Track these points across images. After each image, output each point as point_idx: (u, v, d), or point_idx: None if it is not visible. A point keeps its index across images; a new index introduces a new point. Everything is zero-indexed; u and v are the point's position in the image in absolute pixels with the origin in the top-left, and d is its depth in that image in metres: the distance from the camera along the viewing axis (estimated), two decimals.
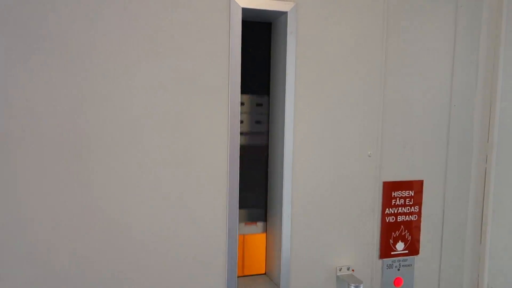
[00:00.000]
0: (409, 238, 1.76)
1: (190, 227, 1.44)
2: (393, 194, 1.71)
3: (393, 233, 1.73)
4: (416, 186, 1.75)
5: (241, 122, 1.64)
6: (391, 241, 1.74)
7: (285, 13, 1.50)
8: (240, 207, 1.56)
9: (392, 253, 1.74)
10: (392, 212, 1.72)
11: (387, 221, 1.72)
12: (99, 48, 1.30)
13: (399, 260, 1.76)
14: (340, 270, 1.65)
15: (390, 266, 1.74)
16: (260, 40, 1.64)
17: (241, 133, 1.64)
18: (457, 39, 1.75)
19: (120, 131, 1.34)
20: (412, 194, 1.75)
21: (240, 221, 1.64)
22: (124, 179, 1.36)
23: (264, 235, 1.70)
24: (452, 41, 1.74)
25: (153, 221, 1.40)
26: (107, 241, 1.36)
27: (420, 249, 1.79)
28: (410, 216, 1.75)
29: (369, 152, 1.65)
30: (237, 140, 1.46)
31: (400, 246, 1.75)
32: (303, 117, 1.55)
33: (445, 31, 1.73)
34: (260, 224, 1.70)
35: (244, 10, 1.45)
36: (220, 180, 1.46)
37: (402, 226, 1.74)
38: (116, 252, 1.37)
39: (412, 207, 1.75)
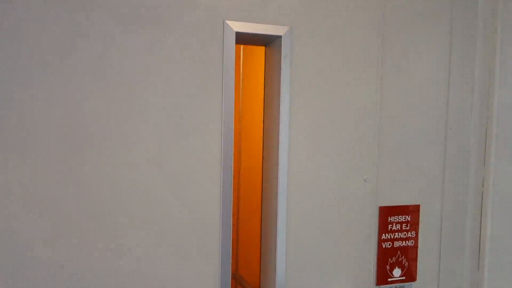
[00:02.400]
0: (406, 264, 1.72)
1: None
2: (389, 219, 1.68)
3: (389, 259, 1.70)
4: (412, 211, 1.72)
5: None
6: (388, 267, 1.70)
7: (279, 37, 1.49)
8: None
9: (389, 279, 1.70)
10: (389, 237, 1.69)
11: (384, 246, 1.68)
12: (97, 64, 1.29)
13: (396, 287, 1.72)
14: None
15: None
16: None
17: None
18: (452, 62, 1.74)
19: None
20: (409, 219, 1.72)
21: None
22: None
23: None
24: (447, 65, 1.74)
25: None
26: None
27: (418, 275, 1.75)
28: (407, 242, 1.72)
29: (365, 177, 1.63)
30: (231, 162, 1.44)
31: (397, 272, 1.71)
32: (298, 142, 1.53)
33: (440, 55, 1.73)
34: None
35: (238, 35, 1.44)
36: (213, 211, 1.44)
37: (399, 252, 1.71)
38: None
39: (409, 232, 1.72)
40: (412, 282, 1.74)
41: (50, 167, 1.27)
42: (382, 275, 1.69)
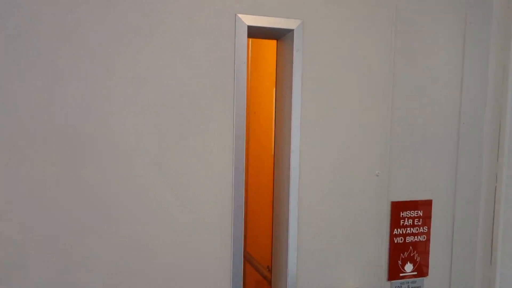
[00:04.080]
0: (418, 259, 1.71)
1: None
2: (401, 214, 1.67)
3: (401, 254, 1.69)
4: (425, 206, 1.71)
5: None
6: (400, 262, 1.69)
7: (291, 30, 1.47)
8: None
9: (400, 274, 1.69)
10: (401, 232, 1.68)
11: (396, 242, 1.68)
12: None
13: (408, 282, 1.71)
14: None
15: None
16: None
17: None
18: (465, 56, 1.72)
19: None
20: (421, 214, 1.70)
21: None
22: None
23: None
24: (461, 58, 1.72)
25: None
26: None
27: (429, 270, 1.74)
28: (419, 237, 1.71)
29: (377, 172, 1.62)
30: (242, 156, 1.43)
31: (408, 267, 1.70)
32: (309, 137, 1.52)
33: (453, 48, 1.70)
34: None
35: (250, 28, 1.42)
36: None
37: (410, 247, 1.70)
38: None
39: (421, 228, 1.71)
40: (423, 277, 1.73)
41: (49, 167, 1.26)
42: (394, 270, 1.68)
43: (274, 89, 1.65)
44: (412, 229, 1.70)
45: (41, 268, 1.27)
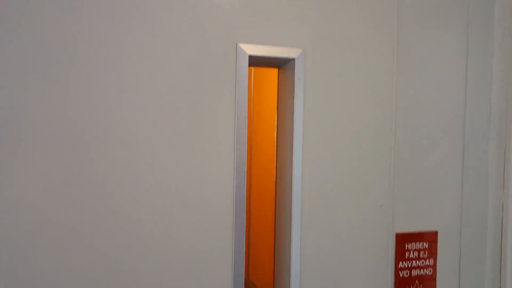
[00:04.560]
0: None
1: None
2: (406, 246, 1.62)
3: None
4: (430, 238, 1.66)
5: None
6: None
7: (292, 59, 1.46)
8: None
9: None
10: (406, 265, 1.62)
11: (401, 275, 1.62)
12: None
13: None
14: None
15: None
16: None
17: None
18: (468, 74, 1.69)
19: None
20: (427, 246, 1.65)
21: None
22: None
23: None
24: (464, 78, 1.69)
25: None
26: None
27: None
28: (425, 270, 1.65)
29: (380, 203, 1.57)
30: (244, 178, 1.39)
31: None
32: (312, 167, 1.49)
33: (456, 67, 1.68)
34: None
35: (251, 57, 1.41)
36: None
37: (417, 281, 1.64)
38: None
39: (427, 260, 1.66)
40: None
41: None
42: None
43: (276, 114, 1.63)
44: (417, 261, 1.64)
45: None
